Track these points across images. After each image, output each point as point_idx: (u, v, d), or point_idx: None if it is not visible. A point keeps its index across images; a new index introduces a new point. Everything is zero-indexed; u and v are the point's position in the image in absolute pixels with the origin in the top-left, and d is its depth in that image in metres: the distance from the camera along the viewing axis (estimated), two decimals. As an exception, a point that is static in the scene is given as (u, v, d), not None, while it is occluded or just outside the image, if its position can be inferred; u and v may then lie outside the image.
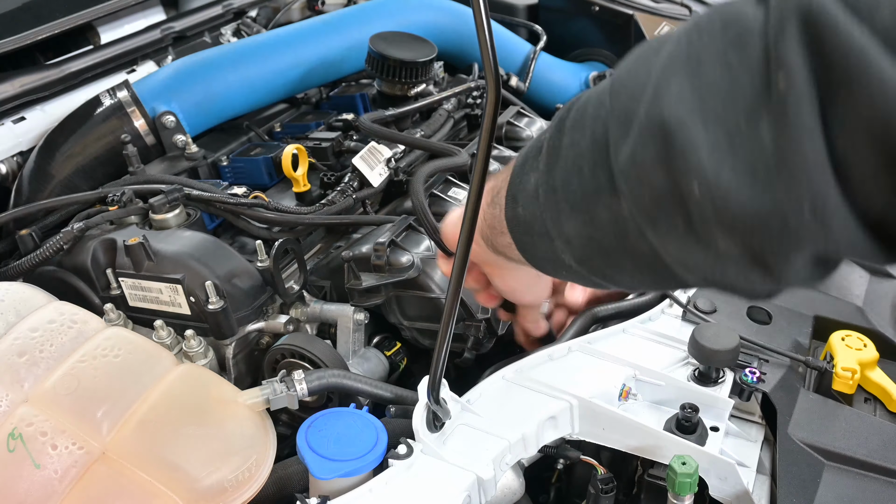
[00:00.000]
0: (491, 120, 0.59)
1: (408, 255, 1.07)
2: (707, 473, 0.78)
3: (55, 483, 0.73)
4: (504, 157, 1.30)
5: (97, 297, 1.06)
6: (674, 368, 0.92)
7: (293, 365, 0.99)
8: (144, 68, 1.51)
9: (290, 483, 0.85)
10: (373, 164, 1.23)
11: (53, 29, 1.38)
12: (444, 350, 0.71)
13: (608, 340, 0.96)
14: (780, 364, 0.93)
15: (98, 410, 0.78)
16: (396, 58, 1.35)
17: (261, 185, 1.31)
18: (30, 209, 1.19)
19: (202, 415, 0.80)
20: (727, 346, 0.85)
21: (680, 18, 1.79)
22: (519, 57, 1.71)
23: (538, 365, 0.91)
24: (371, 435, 0.78)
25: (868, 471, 0.81)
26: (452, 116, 1.45)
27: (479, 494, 0.77)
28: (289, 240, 1.08)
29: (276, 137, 1.48)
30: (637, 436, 0.82)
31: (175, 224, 1.11)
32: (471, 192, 0.63)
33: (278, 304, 1.09)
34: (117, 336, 0.87)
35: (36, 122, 1.34)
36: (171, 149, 1.33)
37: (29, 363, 0.82)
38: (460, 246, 0.66)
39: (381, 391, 0.90)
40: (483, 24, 0.56)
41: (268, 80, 1.41)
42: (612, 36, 1.76)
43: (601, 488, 0.81)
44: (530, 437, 0.82)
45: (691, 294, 1.04)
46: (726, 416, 0.85)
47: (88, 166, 1.28)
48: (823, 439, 0.83)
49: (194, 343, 0.99)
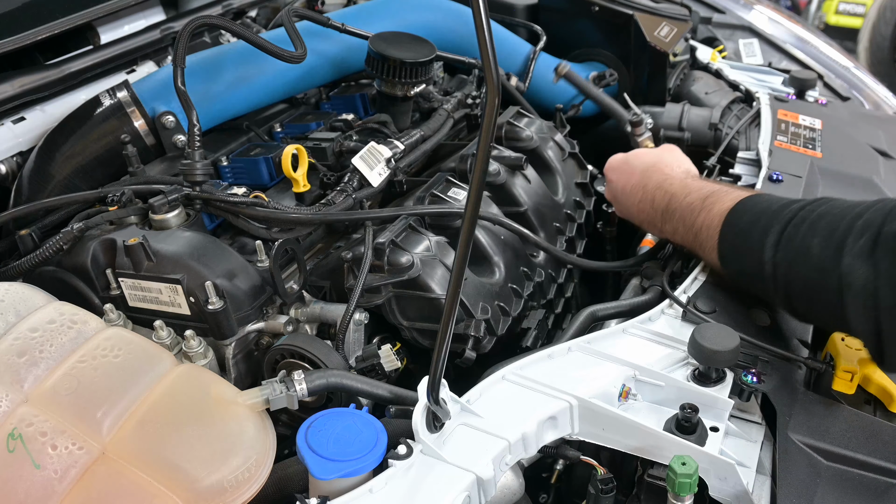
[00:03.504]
0: (491, 120, 0.59)
1: (408, 255, 1.07)
2: (707, 474, 0.78)
3: (55, 483, 0.73)
4: (504, 157, 1.30)
5: (97, 297, 1.06)
6: (674, 369, 0.92)
7: (293, 365, 0.99)
8: (144, 68, 1.51)
9: (290, 483, 0.85)
10: (372, 164, 1.23)
11: (53, 29, 1.37)
12: (443, 350, 0.71)
13: (608, 340, 0.96)
14: (780, 364, 0.93)
15: (98, 410, 0.78)
16: (396, 58, 1.35)
17: (261, 185, 1.30)
18: (29, 209, 1.19)
19: (202, 415, 0.80)
20: (727, 346, 0.85)
21: (680, 18, 1.79)
22: (519, 57, 1.71)
23: (538, 365, 0.91)
24: (371, 435, 0.78)
25: (868, 471, 0.81)
26: (452, 116, 1.45)
27: (479, 494, 0.77)
28: (288, 240, 1.08)
29: (275, 137, 1.48)
30: (637, 436, 0.82)
31: (175, 224, 1.11)
32: (471, 191, 0.63)
33: (278, 305, 1.09)
34: (117, 336, 0.87)
35: (36, 122, 1.33)
36: (171, 149, 1.33)
37: (29, 363, 0.82)
38: (461, 246, 0.66)
39: (380, 391, 0.90)
40: (483, 24, 0.56)
41: (268, 80, 1.41)
42: (612, 36, 1.76)
43: (601, 488, 0.81)
44: (530, 438, 0.82)
45: (691, 294, 1.04)
46: (726, 416, 0.85)
47: (88, 166, 1.28)
48: (823, 439, 0.83)
49: (194, 343, 0.98)
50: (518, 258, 1.23)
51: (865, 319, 0.80)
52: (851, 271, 0.81)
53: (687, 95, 1.79)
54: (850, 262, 0.82)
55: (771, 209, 0.95)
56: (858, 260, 0.81)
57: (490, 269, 1.18)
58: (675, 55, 1.75)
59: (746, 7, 2.17)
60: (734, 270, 1.00)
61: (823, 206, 0.90)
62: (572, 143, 1.47)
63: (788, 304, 0.93)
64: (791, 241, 0.90)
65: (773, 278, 0.92)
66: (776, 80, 1.76)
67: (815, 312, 0.92)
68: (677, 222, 1.07)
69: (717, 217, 1.00)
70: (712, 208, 1.02)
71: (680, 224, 1.06)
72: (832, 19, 4.73)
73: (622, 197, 1.21)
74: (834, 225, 0.86)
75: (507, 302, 1.16)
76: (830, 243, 0.85)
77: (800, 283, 0.89)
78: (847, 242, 0.83)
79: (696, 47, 1.92)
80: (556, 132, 1.45)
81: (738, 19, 2.11)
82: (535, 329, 1.19)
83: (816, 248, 0.86)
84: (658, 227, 1.13)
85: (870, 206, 0.85)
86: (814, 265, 0.86)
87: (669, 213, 1.08)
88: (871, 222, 0.82)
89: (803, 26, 2.18)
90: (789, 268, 0.90)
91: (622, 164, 1.23)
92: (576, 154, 1.46)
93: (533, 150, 1.38)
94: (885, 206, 0.82)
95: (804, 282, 0.88)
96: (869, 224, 0.82)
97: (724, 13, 2.13)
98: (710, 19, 2.10)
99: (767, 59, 2.00)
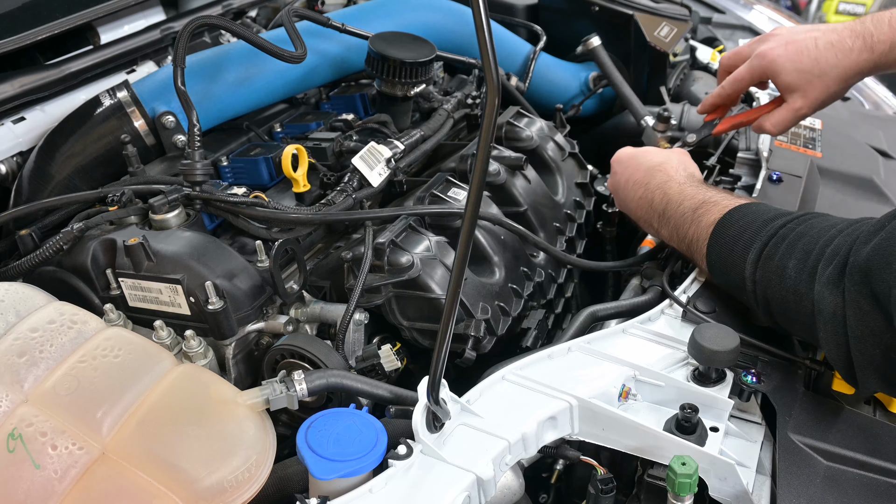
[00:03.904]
0: (491, 120, 0.59)
1: (407, 256, 1.07)
2: (707, 474, 0.78)
3: (55, 483, 0.73)
4: (504, 157, 1.30)
5: (97, 297, 1.06)
6: (674, 369, 0.92)
7: (293, 365, 0.99)
8: (144, 68, 1.51)
9: (289, 483, 0.85)
10: (372, 164, 1.23)
11: (53, 29, 1.37)
12: (443, 350, 0.71)
13: (608, 340, 0.96)
14: (779, 364, 0.93)
15: (98, 410, 0.78)
16: (396, 58, 1.35)
17: (260, 185, 1.30)
18: (29, 209, 1.19)
19: (202, 415, 0.80)
20: (727, 346, 0.85)
21: (680, 18, 1.79)
22: (519, 57, 1.71)
23: (538, 365, 0.91)
24: (371, 435, 0.78)
25: (868, 471, 0.81)
26: (452, 116, 1.45)
27: (479, 494, 0.77)
28: (288, 240, 1.08)
29: (275, 137, 1.48)
30: (637, 436, 0.82)
31: (175, 224, 1.11)
32: (471, 191, 0.63)
33: (278, 305, 1.09)
34: (117, 336, 0.87)
35: (36, 122, 1.33)
36: (171, 149, 1.33)
37: (29, 363, 0.82)
38: (460, 246, 0.66)
39: (380, 391, 0.90)
40: (483, 24, 0.56)
41: (268, 80, 1.41)
42: (612, 36, 1.76)
43: (601, 488, 0.81)
44: (530, 438, 0.82)
45: (691, 294, 1.04)
46: (726, 416, 0.85)
47: (88, 166, 1.28)
48: (823, 439, 0.83)
49: (194, 343, 0.98)
50: (518, 258, 1.23)
51: (836, 346, 0.81)
52: (822, 299, 0.81)
53: (687, 95, 1.79)
54: (819, 289, 0.82)
55: (755, 224, 0.95)
56: (827, 288, 0.81)
57: (490, 269, 1.18)
58: (675, 55, 1.75)
59: (746, 7, 2.17)
60: (722, 282, 1.02)
61: (803, 225, 0.90)
62: (572, 143, 1.47)
63: (770, 318, 0.94)
64: (770, 261, 0.90)
65: (753, 294, 0.93)
66: (776, 81, 1.76)
67: (795, 329, 0.93)
68: (672, 230, 1.08)
69: (705, 230, 1.01)
70: (701, 221, 1.02)
71: (674, 233, 1.07)
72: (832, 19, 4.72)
73: (623, 191, 1.21)
74: (809, 247, 0.86)
75: (507, 302, 1.16)
76: (805, 267, 0.85)
77: (777, 302, 0.90)
78: (818, 269, 0.83)
79: (696, 47, 1.92)
80: (556, 132, 1.45)
81: (738, 19, 2.11)
82: (535, 329, 1.19)
83: (792, 271, 0.87)
84: (654, 228, 1.13)
85: (843, 230, 0.85)
86: (790, 287, 0.87)
87: (665, 219, 1.09)
88: (838, 249, 0.82)
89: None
90: (767, 286, 0.91)
91: (630, 159, 1.23)
92: (576, 154, 1.46)
93: (533, 150, 1.38)
94: (854, 232, 0.82)
95: (781, 302, 0.89)
96: (837, 251, 0.82)
97: (724, 13, 2.13)
98: (710, 19, 2.10)
99: (767, 59, 1.99)
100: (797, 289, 0.86)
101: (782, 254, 0.89)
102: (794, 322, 0.89)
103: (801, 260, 0.86)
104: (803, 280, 0.85)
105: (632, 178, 1.19)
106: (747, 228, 0.96)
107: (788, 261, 0.88)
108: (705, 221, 1.02)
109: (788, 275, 0.87)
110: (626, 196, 1.21)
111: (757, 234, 0.94)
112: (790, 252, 0.88)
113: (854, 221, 0.86)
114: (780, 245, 0.90)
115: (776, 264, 0.89)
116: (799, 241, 0.88)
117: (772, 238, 0.92)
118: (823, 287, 0.81)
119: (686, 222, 1.05)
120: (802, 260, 0.86)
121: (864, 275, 0.76)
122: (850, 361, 0.80)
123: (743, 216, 0.98)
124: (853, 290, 0.77)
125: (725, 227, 0.98)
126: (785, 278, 0.87)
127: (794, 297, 0.86)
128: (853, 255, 0.79)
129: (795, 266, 0.87)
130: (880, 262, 0.74)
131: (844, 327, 0.79)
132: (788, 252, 0.89)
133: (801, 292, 0.85)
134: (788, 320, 0.90)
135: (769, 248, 0.91)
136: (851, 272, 0.78)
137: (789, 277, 0.87)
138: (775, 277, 0.89)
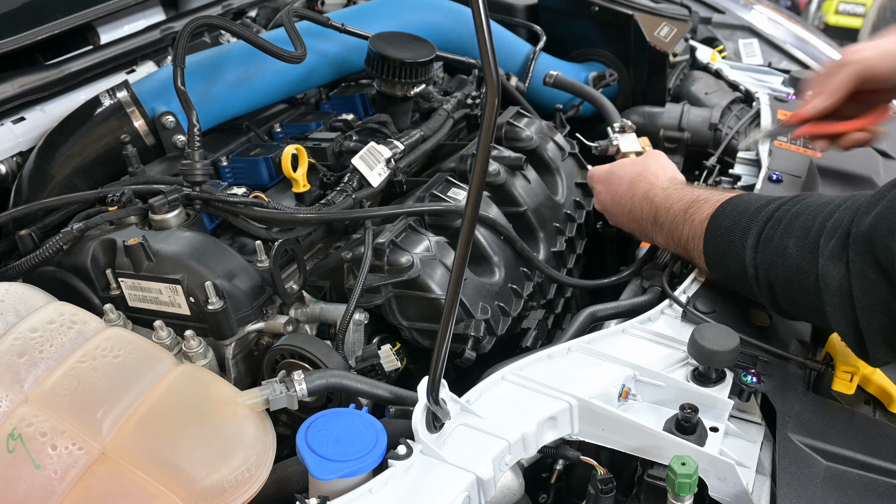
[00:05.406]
0: (490, 120, 0.59)
1: (407, 256, 1.07)
2: (707, 474, 0.78)
3: (55, 483, 0.72)
4: (504, 157, 1.30)
5: (97, 297, 1.06)
6: (673, 369, 0.92)
7: (293, 365, 0.99)
8: (144, 68, 1.51)
9: (289, 483, 0.85)
10: (372, 164, 1.23)
11: (53, 29, 1.38)
12: (443, 350, 0.71)
13: (608, 340, 0.96)
14: (779, 364, 0.93)
15: (98, 411, 0.78)
16: (396, 58, 1.35)
17: (260, 185, 1.30)
18: (29, 209, 1.19)
19: (202, 415, 0.80)
20: (727, 346, 0.85)
21: (680, 18, 1.79)
22: (519, 57, 1.71)
23: (538, 365, 0.91)
24: (371, 435, 0.78)
25: (868, 471, 0.81)
26: (452, 116, 1.45)
27: (479, 494, 0.77)
28: (288, 240, 1.08)
29: (275, 138, 1.48)
30: (636, 436, 0.82)
31: (175, 224, 1.11)
32: (471, 191, 0.63)
33: (278, 305, 1.09)
34: (117, 336, 0.87)
35: (36, 122, 1.33)
36: (171, 149, 1.33)
37: (29, 363, 0.82)
38: (460, 246, 0.66)
39: (380, 391, 0.90)
40: (483, 24, 0.56)
41: (268, 80, 1.41)
42: (612, 36, 1.76)
43: (601, 489, 0.80)
44: (530, 438, 0.82)
45: (691, 294, 1.04)
46: (726, 416, 0.85)
47: (88, 166, 1.28)
48: (823, 439, 0.83)
49: (194, 343, 0.98)
50: (518, 258, 1.23)
51: (844, 319, 0.81)
52: (826, 272, 0.81)
53: (687, 95, 1.79)
54: (823, 263, 0.82)
55: (749, 211, 0.95)
56: (831, 262, 0.81)
57: (490, 269, 1.18)
58: (675, 55, 1.75)
59: (746, 7, 2.17)
60: (722, 275, 1.01)
61: (798, 205, 0.90)
62: (572, 143, 1.47)
63: (774, 303, 0.93)
64: (769, 243, 0.90)
65: (755, 280, 0.93)
66: (776, 81, 1.76)
67: (800, 311, 0.92)
68: (667, 235, 1.08)
69: (699, 227, 1.01)
70: (694, 219, 1.02)
71: (669, 237, 1.07)
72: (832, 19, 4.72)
73: (612, 208, 1.22)
74: (808, 224, 0.86)
75: (507, 302, 1.16)
76: (806, 244, 0.85)
77: (781, 284, 0.89)
78: (820, 243, 0.83)
79: (696, 47, 1.92)
80: (556, 132, 1.45)
81: (738, 19, 2.11)
82: (534, 329, 1.19)
83: (793, 249, 0.87)
84: (650, 236, 1.13)
85: (841, 204, 0.85)
86: (792, 265, 0.87)
87: (658, 226, 1.09)
88: (840, 222, 0.82)
89: (803, 26, 2.18)
90: (769, 269, 0.90)
91: (608, 175, 1.23)
92: (576, 154, 1.46)
93: (533, 150, 1.38)
94: (854, 204, 0.82)
95: (785, 282, 0.88)
96: (838, 224, 0.82)
97: (724, 13, 2.13)
98: (710, 19, 2.10)
99: (767, 59, 2.00)
100: (800, 266, 0.85)
101: (781, 234, 0.89)
102: (799, 303, 0.89)
103: (801, 237, 0.86)
104: (805, 257, 0.85)
105: (616, 193, 1.19)
106: (742, 216, 0.95)
107: (788, 240, 0.87)
108: (698, 218, 1.01)
109: (790, 254, 0.87)
110: (615, 212, 1.21)
111: (753, 220, 0.93)
112: (789, 231, 0.88)
113: (850, 196, 0.85)
114: (777, 226, 0.90)
115: (776, 245, 0.89)
116: (796, 220, 0.88)
117: (768, 221, 0.92)
118: (827, 261, 0.81)
119: (679, 224, 1.05)
120: (802, 237, 0.86)
121: (868, 244, 0.76)
122: (859, 334, 0.80)
123: (735, 207, 0.98)
124: (857, 260, 0.77)
125: (719, 219, 0.98)
126: (787, 258, 0.87)
127: (798, 275, 0.86)
128: (855, 225, 0.79)
129: (796, 244, 0.86)
130: (883, 230, 0.74)
131: (851, 299, 0.79)
132: (787, 232, 0.88)
133: (804, 269, 0.85)
134: (793, 302, 0.90)
135: (767, 231, 0.91)
136: (855, 242, 0.78)
137: (791, 256, 0.87)
138: (777, 258, 0.89)
